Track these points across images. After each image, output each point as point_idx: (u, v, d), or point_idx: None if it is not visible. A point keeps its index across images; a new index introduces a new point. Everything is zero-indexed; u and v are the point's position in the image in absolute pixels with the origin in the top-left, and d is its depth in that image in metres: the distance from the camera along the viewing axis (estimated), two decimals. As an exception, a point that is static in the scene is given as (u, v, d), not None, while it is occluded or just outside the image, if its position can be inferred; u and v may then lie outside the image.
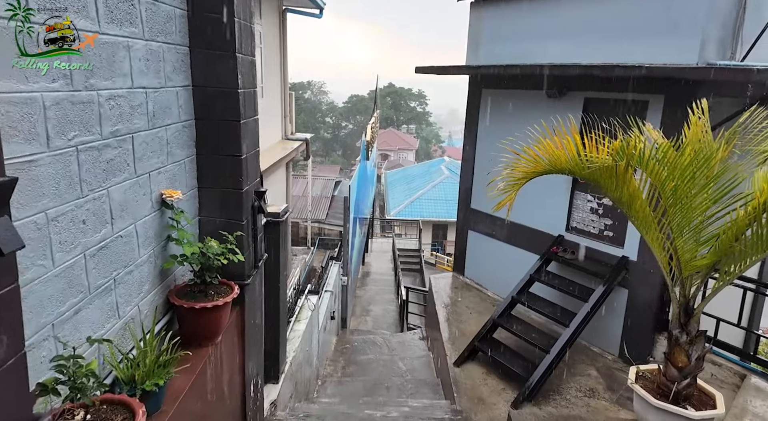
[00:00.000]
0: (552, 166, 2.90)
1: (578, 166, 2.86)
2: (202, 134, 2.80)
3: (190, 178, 2.78)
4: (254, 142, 3.08)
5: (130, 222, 2.18)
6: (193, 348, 2.49)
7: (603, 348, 6.03)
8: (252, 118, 3.02)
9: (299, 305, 5.69)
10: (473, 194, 7.61)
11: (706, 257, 2.96)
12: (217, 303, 2.46)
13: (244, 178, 2.89)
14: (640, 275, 5.53)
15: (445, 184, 27.33)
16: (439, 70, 7.16)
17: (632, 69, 4.85)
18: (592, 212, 6.07)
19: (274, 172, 8.60)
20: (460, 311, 6.97)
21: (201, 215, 2.90)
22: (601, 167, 2.81)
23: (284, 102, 9.40)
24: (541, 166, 2.94)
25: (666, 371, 3.16)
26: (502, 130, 6.65)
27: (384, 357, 7.25)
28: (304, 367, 5.41)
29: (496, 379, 5.52)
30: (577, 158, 2.82)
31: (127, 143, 2.12)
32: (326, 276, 7.65)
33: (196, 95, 2.74)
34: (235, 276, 2.92)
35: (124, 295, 2.17)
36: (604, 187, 2.97)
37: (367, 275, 14.09)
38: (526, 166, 2.99)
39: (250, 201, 3.01)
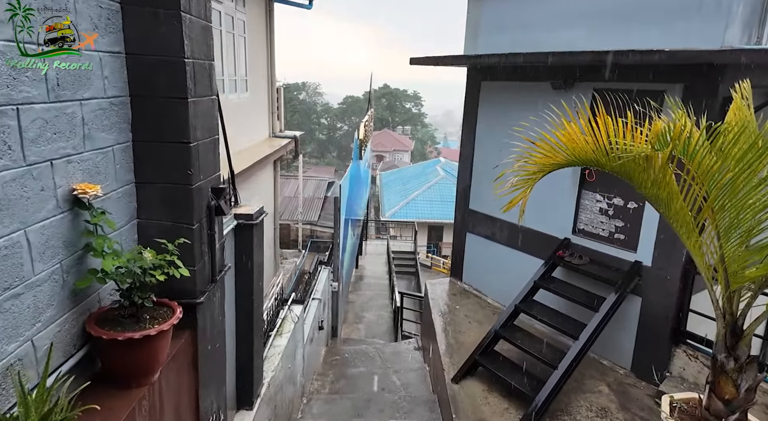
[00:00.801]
0: (574, 156, 2.33)
1: (606, 157, 2.30)
2: (140, 115, 2.20)
3: (123, 170, 2.17)
4: (210, 128, 2.48)
5: (15, 227, 1.58)
6: (118, 392, 1.89)
7: (614, 362, 5.47)
8: (206, 98, 2.42)
9: (281, 317, 5.08)
10: (472, 194, 7.04)
11: (760, 267, 2.39)
12: (148, 332, 1.86)
13: (195, 171, 2.29)
14: (655, 281, 4.98)
15: (440, 185, 26.82)
16: (436, 61, 6.58)
17: (650, 54, 4.29)
18: (602, 213, 5.51)
19: (260, 170, 7.98)
20: (458, 320, 6.38)
21: (141, 218, 2.30)
22: (637, 158, 2.24)
23: (271, 98, 8.80)
24: (561, 157, 2.37)
25: (709, 403, 2.60)
26: (503, 126, 6.10)
27: (376, 370, 6.64)
28: (286, 386, 4.79)
29: (499, 397, 4.95)
30: (608, 147, 2.25)
31: (5, 117, 1.52)
32: (314, 282, 7.03)
33: (131, 65, 2.14)
34: (183, 293, 2.31)
35: (6, 327, 1.57)
36: (637, 184, 2.40)
37: (360, 278, 13.48)
38: (542, 157, 2.41)
39: (204, 200, 2.41)
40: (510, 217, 6.71)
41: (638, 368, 5.23)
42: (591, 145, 2.26)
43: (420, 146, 54.25)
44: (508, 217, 6.72)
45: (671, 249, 4.82)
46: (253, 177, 7.60)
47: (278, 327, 4.93)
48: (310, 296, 6.49)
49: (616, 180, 5.44)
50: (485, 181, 6.80)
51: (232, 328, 3.53)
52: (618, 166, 2.33)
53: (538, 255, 5.96)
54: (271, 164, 8.84)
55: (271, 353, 4.56)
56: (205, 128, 2.42)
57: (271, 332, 4.80)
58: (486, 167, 6.75)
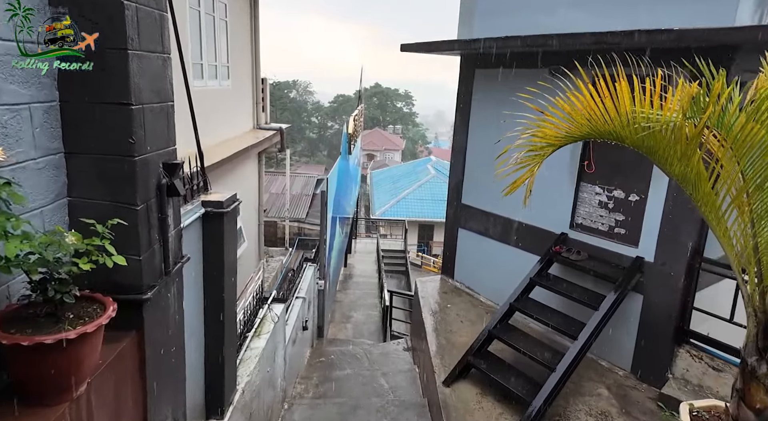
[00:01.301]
0: (591, 127, 1.97)
1: (629, 128, 1.94)
2: (69, 70, 1.78)
3: (45, 136, 1.75)
4: (161, 92, 2.06)
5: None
6: (29, 410, 1.48)
7: (613, 362, 5.15)
8: (155, 55, 2.00)
9: (261, 316, 4.66)
10: (464, 188, 6.68)
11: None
12: (65, 335, 1.45)
13: (140, 140, 1.88)
14: (657, 278, 4.67)
15: (431, 184, 26.55)
16: (428, 47, 6.22)
17: (659, 34, 3.97)
18: (601, 206, 5.19)
19: (243, 163, 7.54)
20: (449, 319, 6.02)
21: (72, 196, 1.88)
22: (664, 129, 1.89)
23: (255, 88, 8.36)
24: (574, 127, 2.01)
25: (738, 412, 2.27)
26: (498, 117, 5.76)
27: (364, 372, 6.25)
28: (265, 391, 4.38)
29: (493, 401, 4.60)
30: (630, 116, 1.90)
31: None
32: (299, 280, 6.61)
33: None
34: (126, 288, 1.90)
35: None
36: (663, 160, 2.05)
37: (349, 277, 13.06)
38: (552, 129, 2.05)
39: (152, 177, 2.00)
40: (504, 211, 6.41)
41: (639, 369, 4.92)
42: (612, 112, 1.91)
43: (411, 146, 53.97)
44: (501, 211, 6.39)
45: (675, 244, 4.51)
46: (235, 170, 7.16)
47: (257, 327, 4.51)
48: (293, 295, 6.07)
49: (617, 171, 5.18)
50: (479, 174, 6.46)
51: (197, 328, 3.11)
52: (641, 138, 1.98)
53: (534, 251, 5.63)
54: (255, 157, 8.40)
55: (248, 355, 4.14)
56: (154, 91, 2.00)
57: (249, 333, 4.38)
58: (479, 160, 6.41)
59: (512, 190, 2.18)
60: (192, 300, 3.07)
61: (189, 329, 2.79)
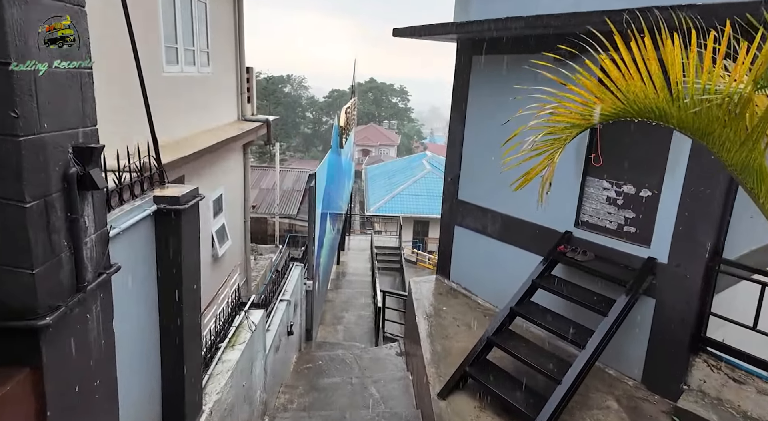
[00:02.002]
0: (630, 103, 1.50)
1: (677, 103, 1.47)
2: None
3: None
4: (67, 53, 1.56)
5: None
6: None
7: (622, 371, 4.71)
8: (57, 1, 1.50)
9: (236, 324, 4.17)
10: (461, 183, 6.20)
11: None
12: None
13: (30, 113, 1.37)
14: (671, 281, 4.22)
15: (427, 180, 26.09)
16: (422, 31, 5.71)
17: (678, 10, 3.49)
18: (609, 203, 4.73)
19: (226, 156, 7.01)
20: (445, 323, 5.56)
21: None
22: (723, 104, 1.42)
23: (240, 77, 7.81)
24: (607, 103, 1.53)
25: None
26: (497, 106, 5.28)
27: (353, 380, 5.78)
28: (239, 408, 3.90)
29: (492, 415, 4.16)
30: (680, 86, 1.42)
31: None
32: (284, 282, 6.12)
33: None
34: (14, 312, 1.41)
35: None
36: (717, 145, 1.59)
37: (342, 275, 12.58)
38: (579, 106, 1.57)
39: (54, 164, 1.49)
40: (503, 208, 5.93)
41: (650, 380, 4.49)
42: (659, 82, 1.43)
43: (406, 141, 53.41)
44: (501, 208, 5.92)
45: (692, 243, 4.06)
46: (217, 163, 6.64)
47: (231, 337, 4.02)
48: (277, 298, 5.58)
49: (627, 164, 4.70)
50: (476, 168, 5.99)
51: (149, 348, 2.62)
52: (690, 117, 1.51)
53: (536, 251, 5.17)
54: (240, 150, 7.87)
55: (219, 369, 3.65)
56: (55, 51, 1.50)
57: (222, 344, 3.90)
58: (477, 153, 5.93)
59: (526, 182, 1.70)
60: (142, 315, 2.58)
61: (132, 352, 2.30)
